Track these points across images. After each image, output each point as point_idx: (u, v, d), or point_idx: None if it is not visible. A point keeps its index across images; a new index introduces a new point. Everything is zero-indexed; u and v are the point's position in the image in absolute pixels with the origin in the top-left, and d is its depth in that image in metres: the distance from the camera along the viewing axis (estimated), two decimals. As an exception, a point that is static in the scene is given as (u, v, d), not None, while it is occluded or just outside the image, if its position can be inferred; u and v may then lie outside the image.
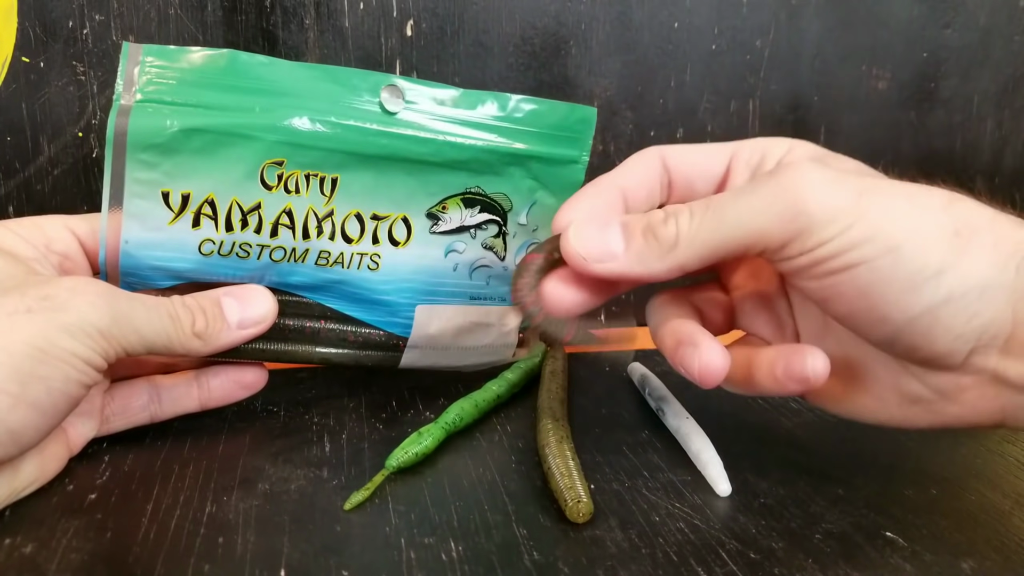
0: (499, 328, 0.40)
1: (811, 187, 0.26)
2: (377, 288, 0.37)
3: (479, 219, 0.38)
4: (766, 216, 0.27)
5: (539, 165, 0.38)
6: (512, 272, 0.38)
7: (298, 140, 0.33)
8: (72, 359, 0.28)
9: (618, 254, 0.29)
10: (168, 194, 0.33)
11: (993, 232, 0.26)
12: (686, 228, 0.28)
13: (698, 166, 0.33)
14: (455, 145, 0.36)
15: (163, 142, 0.32)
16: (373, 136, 0.34)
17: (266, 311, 0.35)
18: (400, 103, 0.35)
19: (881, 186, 0.27)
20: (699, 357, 0.28)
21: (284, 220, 0.34)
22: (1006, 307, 0.26)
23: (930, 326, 0.26)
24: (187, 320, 0.32)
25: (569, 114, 0.38)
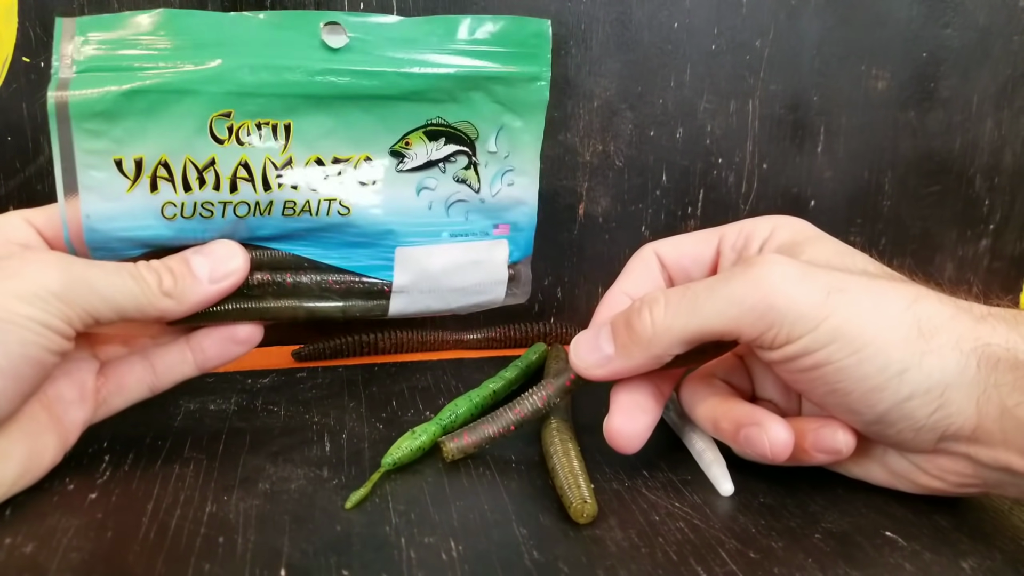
0: (487, 264, 0.39)
1: (780, 284, 0.28)
2: (351, 233, 0.36)
3: (446, 151, 0.37)
4: (738, 309, 0.28)
5: (500, 87, 0.36)
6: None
7: (242, 89, 0.32)
8: (27, 323, 0.27)
9: (611, 355, 0.32)
10: (121, 161, 0.32)
11: (954, 330, 0.28)
12: (660, 318, 0.30)
13: (689, 256, 0.36)
14: (407, 75, 0.35)
15: (106, 108, 0.31)
16: (318, 75, 0.33)
17: (237, 263, 0.34)
18: (342, 38, 0.34)
19: (849, 284, 0.28)
20: (768, 436, 0.30)
21: (241, 173, 0.33)
22: (969, 402, 0.27)
23: (896, 420, 0.28)
24: (152, 279, 0.31)
25: (521, 29, 0.36)
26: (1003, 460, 0.27)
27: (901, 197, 0.56)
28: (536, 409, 0.34)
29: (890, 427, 0.28)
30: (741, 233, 0.35)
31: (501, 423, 0.34)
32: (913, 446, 0.29)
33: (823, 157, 0.54)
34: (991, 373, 0.27)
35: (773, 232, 0.34)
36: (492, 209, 0.38)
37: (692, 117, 0.51)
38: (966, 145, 0.56)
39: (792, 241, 0.33)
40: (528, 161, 0.39)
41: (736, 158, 0.52)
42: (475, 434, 0.33)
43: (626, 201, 0.52)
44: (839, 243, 0.33)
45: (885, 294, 0.28)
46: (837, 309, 0.27)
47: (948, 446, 0.28)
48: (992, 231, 0.58)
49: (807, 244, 0.33)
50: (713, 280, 0.30)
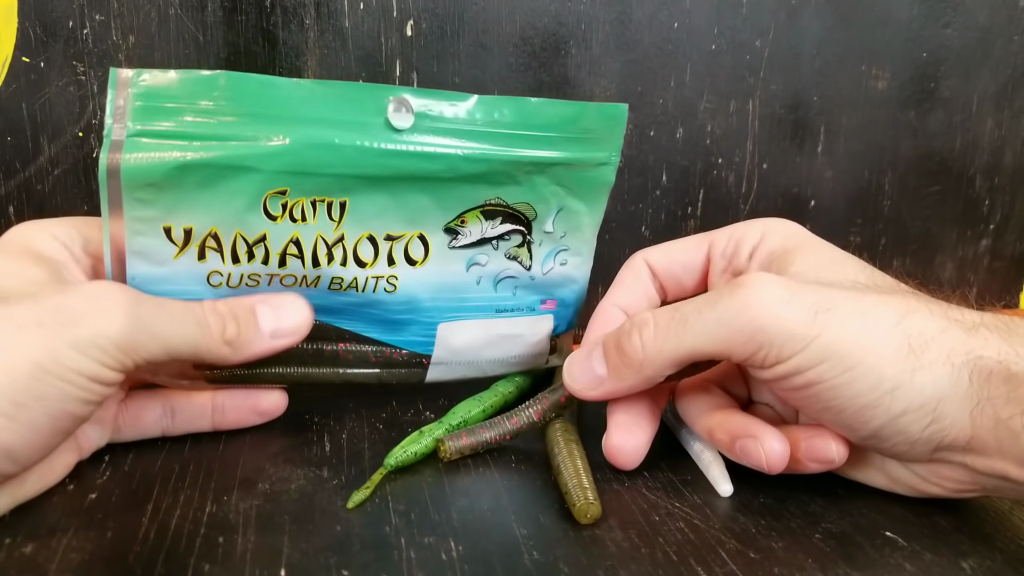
0: (528, 338, 0.39)
1: (768, 305, 0.28)
2: (395, 309, 0.36)
3: (501, 230, 0.36)
4: (727, 331, 0.28)
5: (564, 171, 0.35)
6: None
7: (300, 168, 0.31)
8: (75, 377, 0.26)
9: (604, 377, 0.32)
10: (170, 229, 0.31)
11: (945, 344, 0.27)
12: (650, 342, 0.30)
13: (679, 263, 0.36)
14: (470, 158, 0.33)
15: (160, 179, 0.30)
16: (380, 157, 0.32)
17: (301, 320, 0.33)
18: (408, 118, 0.32)
19: (838, 302, 0.28)
20: (764, 448, 0.30)
21: (292, 250, 0.32)
22: (962, 414, 0.27)
23: (891, 435, 0.28)
24: (217, 327, 0.30)
25: (596, 114, 0.35)
26: (999, 469, 0.27)
27: (901, 197, 0.56)
28: (532, 422, 0.34)
29: (885, 441, 0.28)
30: (731, 239, 0.35)
31: (498, 431, 0.34)
32: (909, 457, 0.29)
33: (823, 157, 0.54)
34: (984, 386, 0.27)
35: (763, 238, 0.34)
36: (541, 286, 0.38)
37: (692, 117, 0.51)
38: (966, 145, 0.56)
39: (782, 248, 0.33)
40: (584, 242, 0.38)
41: (736, 158, 0.52)
42: (473, 437, 0.34)
43: (626, 201, 0.52)
44: (830, 248, 0.33)
45: (874, 310, 0.28)
46: (826, 328, 0.27)
47: (944, 456, 0.28)
48: (992, 231, 0.58)
49: (797, 252, 0.32)
50: (701, 302, 0.29)
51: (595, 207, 0.37)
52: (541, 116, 0.34)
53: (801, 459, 0.31)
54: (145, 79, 0.29)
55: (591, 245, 0.39)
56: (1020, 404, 0.26)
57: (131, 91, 0.29)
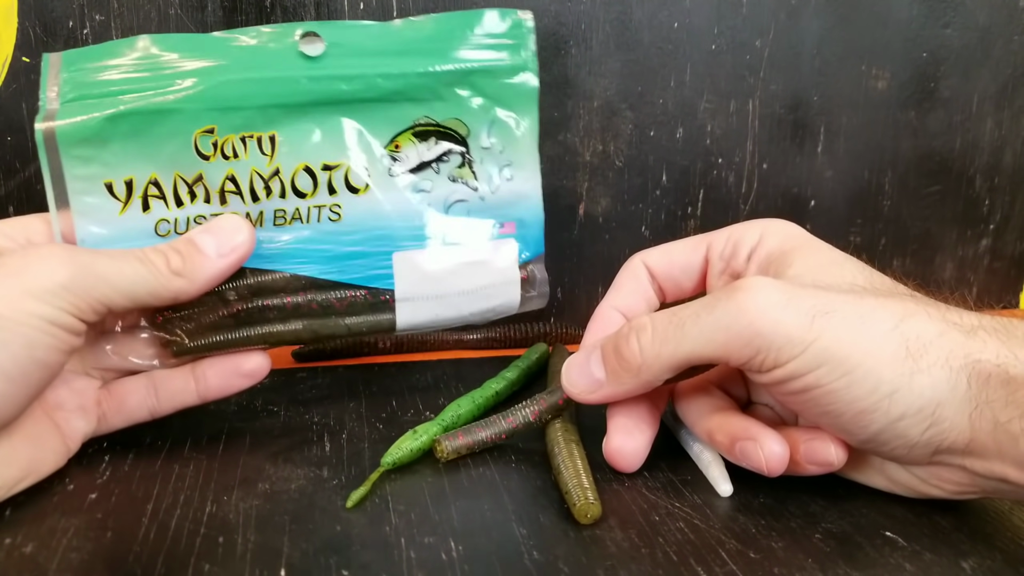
0: (494, 263, 0.38)
1: (765, 310, 0.28)
2: (344, 240, 0.35)
3: (438, 151, 0.36)
4: (725, 336, 0.28)
5: (484, 80, 0.36)
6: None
7: (222, 104, 0.33)
8: (36, 322, 0.27)
9: (603, 381, 0.32)
10: (111, 184, 0.32)
11: (944, 347, 0.27)
12: (648, 346, 0.30)
13: (678, 265, 0.36)
14: (387, 75, 0.34)
15: (91, 133, 0.32)
16: (296, 83, 0.33)
17: (243, 235, 0.33)
18: (319, 46, 0.34)
19: (836, 305, 0.28)
20: (763, 450, 0.30)
21: (229, 186, 0.34)
22: (961, 418, 0.27)
23: (889, 439, 0.28)
24: (160, 261, 0.31)
25: (500, 20, 0.36)
26: (998, 472, 0.27)
27: (901, 197, 0.56)
28: (528, 422, 0.34)
29: (884, 445, 0.28)
30: (729, 240, 0.35)
31: (494, 430, 0.34)
32: (908, 460, 0.29)
33: (823, 157, 0.54)
34: (982, 389, 0.27)
35: (761, 239, 0.34)
36: (494, 207, 0.38)
37: (692, 117, 0.51)
38: (966, 145, 0.56)
39: (780, 250, 0.33)
40: (525, 153, 0.38)
41: (736, 158, 0.53)
42: (469, 436, 0.34)
43: (626, 201, 0.52)
44: (828, 250, 0.33)
45: (872, 314, 0.28)
46: (824, 332, 0.27)
47: (943, 459, 0.28)
48: (992, 231, 0.58)
49: (795, 253, 0.32)
50: (699, 306, 0.29)
51: (526, 115, 0.37)
52: (445, 27, 0.35)
53: (800, 461, 0.30)
54: (71, 56, 0.32)
55: (534, 157, 0.38)
56: (1019, 407, 0.26)
57: (61, 68, 0.32)
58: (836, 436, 0.30)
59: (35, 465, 0.30)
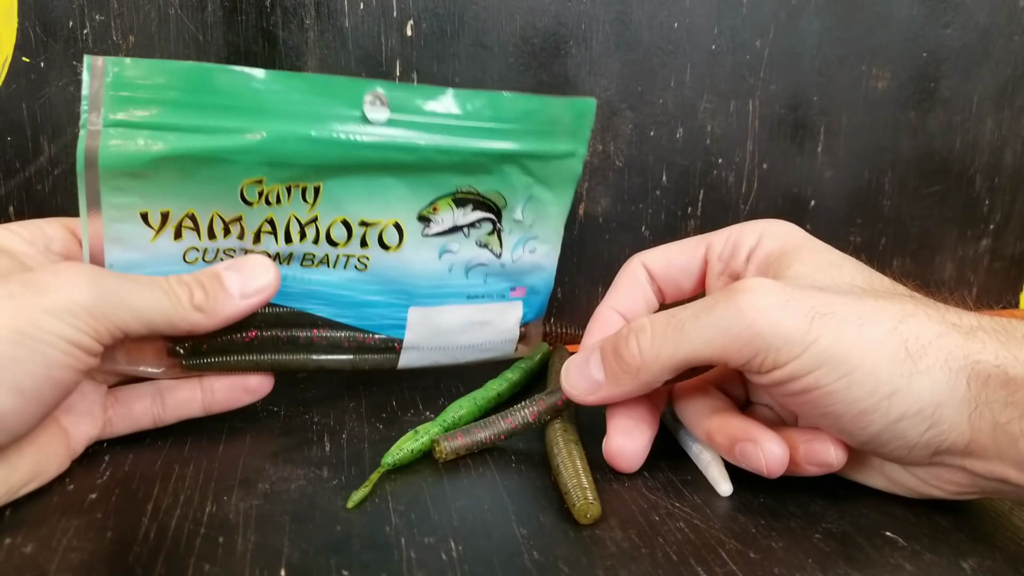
0: (498, 325, 0.40)
1: (764, 311, 0.28)
2: (365, 288, 0.36)
3: (472, 218, 0.37)
4: (724, 337, 0.28)
5: (532, 162, 0.36)
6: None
7: (276, 159, 0.32)
8: (55, 340, 0.27)
9: (602, 382, 0.32)
10: (147, 214, 0.31)
11: (943, 348, 0.27)
12: (647, 347, 0.30)
13: (676, 266, 0.36)
14: (443, 150, 0.34)
15: (137, 168, 0.30)
16: (356, 149, 0.33)
17: (268, 278, 0.33)
18: (384, 112, 0.33)
19: (835, 307, 0.28)
20: (763, 452, 0.30)
21: (266, 228, 0.34)
22: (961, 419, 0.27)
23: (889, 440, 0.28)
24: (184, 294, 0.31)
25: (566, 108, 0.36)
26: (998, 472, 0.27)
27: (901, 197, 0.56)
28: (527, 423, 0.34)
29: (884, 446, 0.28)
30: (728, 241, 0.35)
31: (493, 431, 0.34)
32: (908, 461, 0.29)
33: (823, 157, 0.54)
34: (982, 390, 0.27)
35: (760, 240, 0.34)
36: (511, 273, 0.39)
37: (692, 117, 0.51)
38: (966, 145, 0.56)
39: (779, 251, 0.33)
40: (552, 230, 0.39)
41: (736, 158, 0.52)
42: (468, 437, 0.34)
43: (626, 201, 0.52)
44: (827, 250, 0.33)
45: (871, 315, 0.28)
46: (823, 334, 0.27)
47: (943, 459, 0.28)
48: (992, 231, 0.58)
49: (794, 254, 0.32)
50: (698, 307, 0.30)
51: (562, 197, 0.38)
52: (511, 109, 0.35)
53: (800, 463, 0.30)
54: (119, 68, 0.29)
55: (559, 233, 0.40)
56: (1018, 408, 0.26)
57: (105, 80, 0.29)
58: (836, 437, 0.30)
59: (41, 469, 0.30)
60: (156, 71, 0.30)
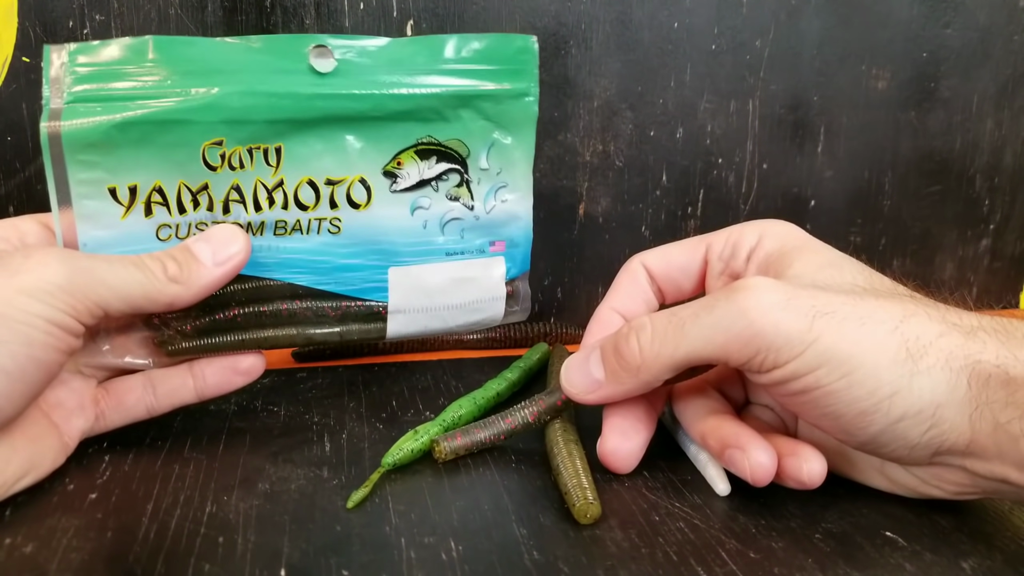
0: (483, 281, 0.39)
1: (765, 310, 0.28)
2: (341, 252, 0.36)
3: (438, 170, 0.37)
4: (724, 336, 0.28)
5: (487, 104, 0.37)
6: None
7: (232, 116, 0.33)
8: (34, 320, 0.27)
9: (602, 381, 0.32)
10: (115, 189, 0.32)
11: (944, 349, 0.27)
12: (648, 346, 0.30)
13: (676, 266, 0.36)
14: (395, 96, 0.35)
15: (99, 139, 0.31)
16: (307, 100, 0.34)
17: (239, 244, 0.33)
18: (330, 62, 0.34)
19: (835, 306, 0.28)
20: (750, 461, 0.30)
21: (234, 196, 0.34)
22: (961, 419, 0.27)
23: (889, 440, 0.28)
24: (157, 267, 0.31)
25: (507, 45, 0.37)
26: (999, 472, 0.27)
27: (901, 197, 0.56)
28: (527, 423, 0.34)
29: (884, 447, 0.28)
30: (728, 242, 0.35)
31: (492, 431, 0.34)
32: (909, 461, 0.29)
33: (823, 157, 0.54)
34: (982, 390, 0.27)
35: (760, 240, 0.34)
36: (487, 226, 0.39)
37: (692, 117, 0.51)
38: (966, 145, 0.56)
39: (780, 251, 0.33)
40: (520, 176, 0.39)
41: (736, 158, 0.53)
42: (467, 437, 0.34)
43: (626, 201, 0.52)
44: (828, 250, 0.33)
45: (872, 315, 0.28)
46: (824, 333, 0.27)
47: (944, 460, 0.28)
48: (992, 231, 0.58)
49: (794, 254, 0.32)
50: (698, 306, 0.30)
51: (524, 140, 0.38)
52: (455, 50, 0.36)
53: (781, 476, 0.30)
54: (77, 50, 0.32)
55: (528, 180, 0.39)
56: (1019, 408, 0.26)
57: (66, 62, 0.32)
58: (837, 438, 0.30)
59: (34, 464, 0.30)
60: (111, 48, 0.32)
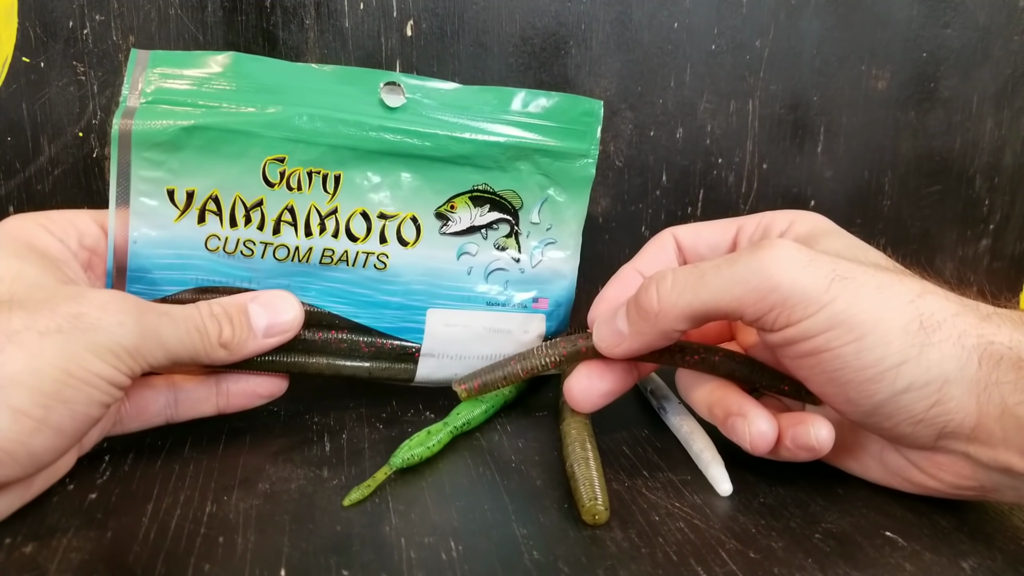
0: (519, 336, 0.39)
1: (786, 266, 0.28)
2: (384, 288, 0.36)
3: (489, 218, 0.37)
4: (742, 288, 0.28)
5: (546, 160, 0.37)
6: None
7: (298, 136, 0.34)
8: (97, 381, 0.27)
9: (625, 334, 0.32)
10: (173, 191, 0.33)
11: (957, 326, 0.27)
12: (667, 295, 0.30)
13: (706, 242, 0.37)
14: (457, 139, 0.36)
15: (167, 139, 0.32)
16: (372, 131, 0.35)
17: (293, 317, 0.34)
18: (400, 98, 0.35)
19: (855, 273, 0.28)
20: (749, 428, 0.31)
21: (286, 217, 0.35)
22: (969, 399, 0.27)
23: (893, 412, 0.28)
24: (214, 331, 0.32)
25: (574, 106, 0.37)
26: (1002, 460, 0.27)
27: (901, 197, 0.56)
28: (546, 367, 0.35)
29: (887, 419, 0.28)
30: (760, 225, 0.35)
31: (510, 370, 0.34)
32: (912, 441, 0.29)
33: (823, 157, 0.54)
34: (993, 371, 0.27)
35: (791, 225, 0.34)
36: (531, 280, 0.39)
37: (692, 117, 0.51)
38: (966, 145, 0.56)
39: (809, 234, 0.33)
40: (570, 236, 0.39)
41: (736, 158, 0.52)
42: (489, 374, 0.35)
43: (626, 201, 0.52)
44: (855, 239, 0.33)
45: (891, 286, 0.28)
46: (840, 296, 0.27)
47: (947, 444, 0.28)
48: (992, 231, 0.58)
49: (823, 236, 0.33)
50: (721, 260, 0.30)
51: (578, 200, 0.39)
52: (521, 103, 0.37)
53: (788, 445, 0.31)
54: (160, 58, 0.34)
55: (577, 239, 0.40)
56: None
57: (147, 66, 0.33)
58: (841, 409, 0.30)
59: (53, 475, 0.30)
60: (192, 58, 0.34)
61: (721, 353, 0.34)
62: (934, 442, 0.28)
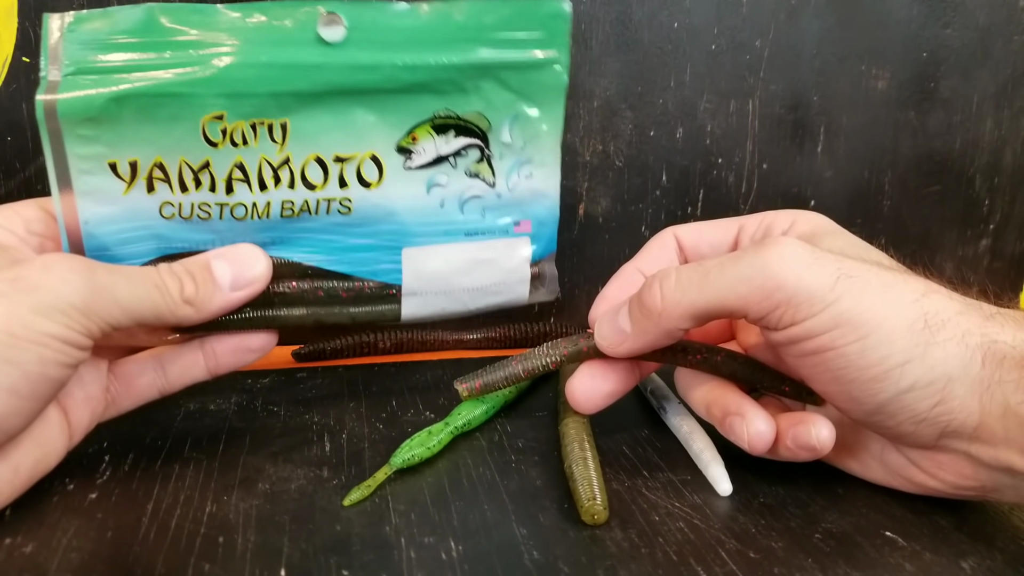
0: (504, 263, 0.37)
1: (791, 264, 0.28)
2: (354, 232, 0.34)
3: (456, 145, 0.35)
4: (747, 286, 0.28)
5: (510, 74, 0.34)
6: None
7: (232, 89, 0.31)
8: (47, 340, 0.27)
9: (628, 333, 0.32)
10: (115, 164, 0.31)
11: (961, 325, 0.27)
12: (670, 293, 0.30)
13: (708, 241, 0.36)
14: (408, 67, 0.32)
15: (96, 112, 0.30)
16: (314, 72, 0.32)
17: (260, 269, 0.33)
18: (340, 31, 0.32)
19: (860, 272, 0.28)
20: (747, 428, 0.31)
21: (237, 174, 0.32)
22: (972, 398, 0.27)
23: (897, 411, 0.28)
24: (175, 287, 0.31)
25: (535, 9, 0.34)
26: (1004, 459, 0.27)
27: (901, 197, 0.56)
28: (547, 368, 0.34)
29: (890, 418, 0.28)
30: (761, 224, 0.35)
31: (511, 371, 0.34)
32: (914, 440, 0.29)
33: (823, 157, 0.54)
34: (996, 370, 0.27)
35: (793, 225, 0.34)
36: (510, 204, 0.37)
37: (692, 117, 0.51)
38: (966, 145, 0.56)
39: (811, 234, 0.33)
40: (547, 151, 0.36)
41: (736, 158, 0.53)
42: (489, 375, 0.35)
43: (626, 201, 0.52)
44: (857, 238, 0.33)
45: (895, 285, 0.28)
46: (845, 294, 0.27)
47: (949, 443, 0.28)
48: (992, 231, 0.58)
49: (825, 236, 0.33)
50: (725, 258, 0.30)
51: (552, 112, 0.36)
52: (475, 15, 0.33)
53: (789, 445, 0.31)
54: (76, 20, 0.30)
55: (556, 154, 0.37)
56: None
57: (64, 34, 0.30)
58: (844, 408, 0.30)
59: (41, 465, 0.30)
60: (111, 17, 0.30)
61: (723, 353, 0.34)
62: (936, 441, 0.28)
